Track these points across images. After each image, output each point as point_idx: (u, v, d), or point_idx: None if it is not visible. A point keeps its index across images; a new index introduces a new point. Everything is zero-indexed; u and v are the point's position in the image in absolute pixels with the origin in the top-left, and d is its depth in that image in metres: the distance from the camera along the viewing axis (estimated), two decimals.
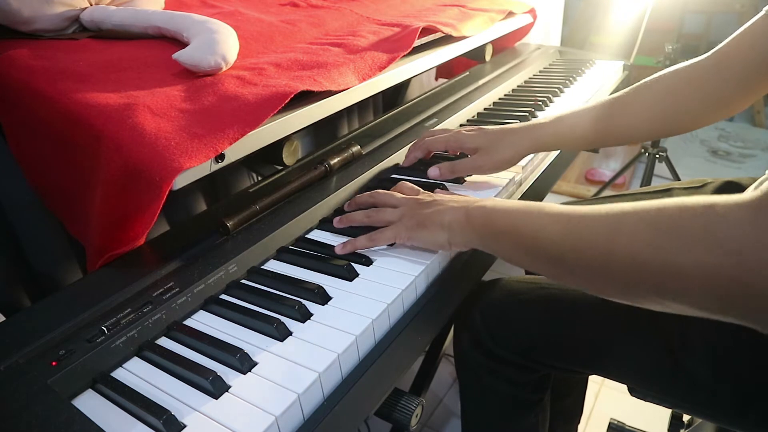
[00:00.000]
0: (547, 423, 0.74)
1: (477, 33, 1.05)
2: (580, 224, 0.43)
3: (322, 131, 1.05)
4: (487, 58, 1.19)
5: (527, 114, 0.93)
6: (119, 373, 0.45)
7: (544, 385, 0.71)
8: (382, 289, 0.53)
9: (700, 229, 0.35)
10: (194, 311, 0.52)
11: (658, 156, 1.80)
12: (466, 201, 0.56)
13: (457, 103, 0.97)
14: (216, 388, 0.42)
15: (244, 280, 0.56)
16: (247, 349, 0.45)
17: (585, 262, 0.43)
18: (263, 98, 0.63)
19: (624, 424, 1.06)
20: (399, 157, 0.78)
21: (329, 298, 0.52)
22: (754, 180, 0.53)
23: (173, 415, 0.39)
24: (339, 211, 0.65)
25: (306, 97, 0.68)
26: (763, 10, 0.58)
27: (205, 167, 0.57)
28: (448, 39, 0.99)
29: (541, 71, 1.22)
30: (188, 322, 0.51)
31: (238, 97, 0.64)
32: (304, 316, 0.50)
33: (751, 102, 0.64)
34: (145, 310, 0.48)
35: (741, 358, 0.53)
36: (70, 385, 0.42)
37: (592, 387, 1.29)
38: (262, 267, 0.58)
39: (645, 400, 0.64)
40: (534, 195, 0.78)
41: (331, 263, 0.56)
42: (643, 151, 1.83)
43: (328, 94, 0.71)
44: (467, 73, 1.12)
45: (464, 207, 0.55)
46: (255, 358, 0.45)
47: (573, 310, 0.62)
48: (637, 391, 0.63)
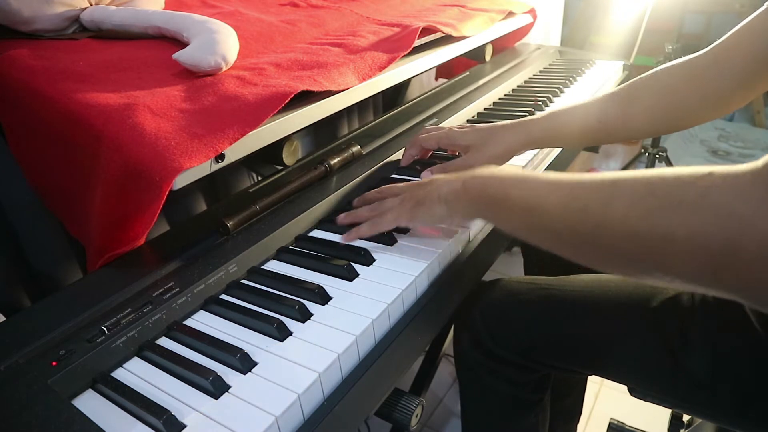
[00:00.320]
0: (547, 423, 0.74)
1: (477, 33, 1.05)
2: (576, 190, 0.43)
3: (322, 131, 1.05)
4: (487, 58, 1.19)
5: (527, 114, 0.93)
6: (119, 373, 0.45)
7: (544, 385, 0.71)
8: (382, 289, 0.53)
9: (697, 194, 0.35)
10: (194, 311, 0.52)
11: (658, 156, 1.80)
12: (464, 173, 0.56)
13: (457, 103, 0.97)
14: (216, 388, 0.42)
15: (244, 280, 0.56)
16: (247, 349, 0.45)
17: (580, 229, 0.42)
18: (263, 98, 0.63)
19: (624, 424, 1.06)
20: (399, 157, 0.78)
21: (329, 298, 0.52)
22: None
23: (173, 415, 0.39)
24: (339, 212, 0.65)
25: (306, 97, 0.68)
26: (765, 5, 0.57)
27: (205, 167, 0.57)
28: (448, 39, 0.99)
29: (541, 71, 1.22)
30: (188, 322, 0.51)
31: (238, 97, 0.64)
32: (304, 316, 0.50)
33: (750, 98, 0.62)
34: (145, 310, 0.48)
35: (741, 358, 0.53)
36: (70, 385, 0.42)
37: (592, 387, 1.29)
38: (262, 267, 0.58)
39: (645, 400, 0.64)
40: None
41: (331, 263, 0.56)
42: (643, 151, 1.83)
43: (328, 94, 0.71)
44: (467, 73, 1.12)
45: (461, 178, 0.54)
46: (255, 358, 0.45)
47: (573, 311, 0.62)
48: (637, 391, 0.63)
